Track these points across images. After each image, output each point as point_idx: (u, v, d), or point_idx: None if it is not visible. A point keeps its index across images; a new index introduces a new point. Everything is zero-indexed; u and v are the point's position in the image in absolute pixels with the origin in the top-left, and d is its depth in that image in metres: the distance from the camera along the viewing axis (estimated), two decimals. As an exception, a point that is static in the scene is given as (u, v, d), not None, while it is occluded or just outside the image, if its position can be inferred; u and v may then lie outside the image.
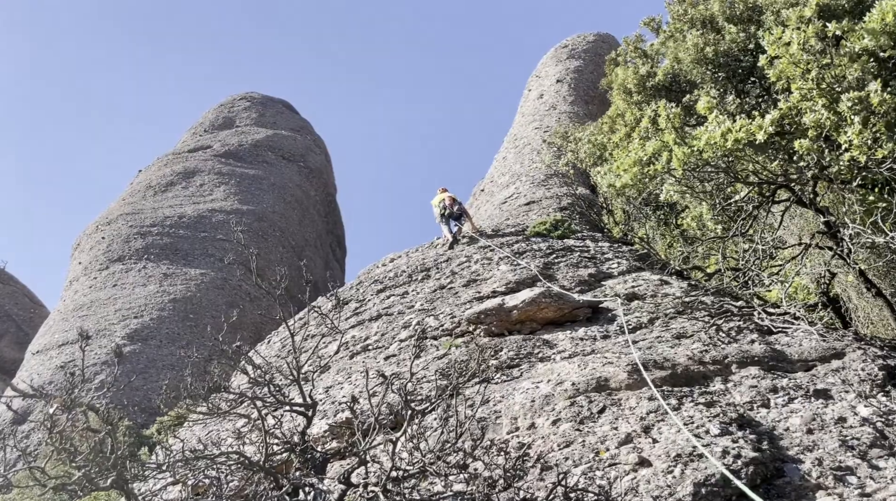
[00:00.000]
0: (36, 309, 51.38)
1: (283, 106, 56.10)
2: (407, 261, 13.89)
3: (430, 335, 8.33)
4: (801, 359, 5.46)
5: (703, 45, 8.28)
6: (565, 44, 37.38)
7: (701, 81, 8.47)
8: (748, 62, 8.12)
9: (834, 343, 5.72)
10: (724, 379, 5.13)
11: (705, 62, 8.22)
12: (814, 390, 4.80)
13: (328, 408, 6.38)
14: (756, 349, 5.67)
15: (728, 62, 8.19)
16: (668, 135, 6.99)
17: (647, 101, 9.31)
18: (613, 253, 12.41)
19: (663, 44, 9.99)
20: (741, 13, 8.45)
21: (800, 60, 5.68)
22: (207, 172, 47.75)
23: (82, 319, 37.25)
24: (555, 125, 31.87)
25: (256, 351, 11.85)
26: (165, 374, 32.63)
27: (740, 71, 8.19)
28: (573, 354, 6.47)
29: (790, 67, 5.80)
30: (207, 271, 39.93)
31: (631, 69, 9.65)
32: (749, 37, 8.09)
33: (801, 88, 5.77)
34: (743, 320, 6.79)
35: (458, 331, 8.13)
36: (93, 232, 44.98)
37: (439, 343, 7.96)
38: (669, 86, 9.13)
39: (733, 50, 8.08)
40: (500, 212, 22.87)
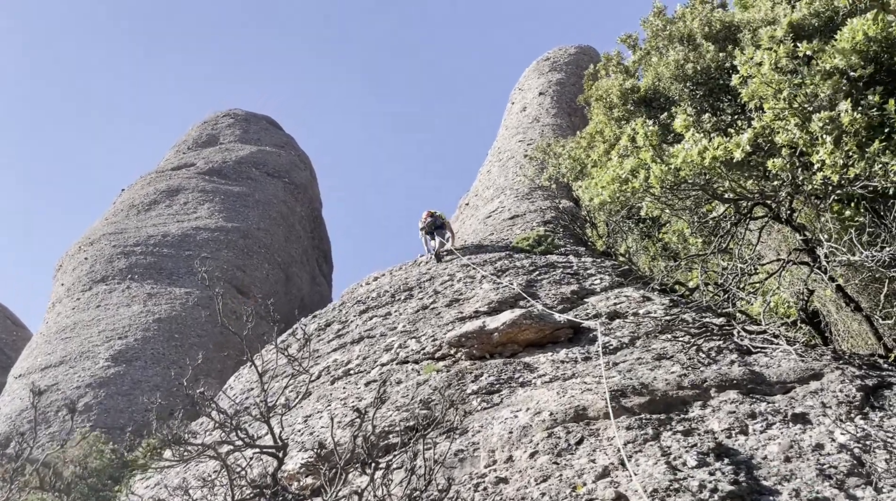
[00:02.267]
0: (18, 332, 50.69)
1: (267, 122, 56.00)
2: (390, 281, 13.81)
3: (412, 359, 8.24)
4: (780, 381, 5.43)
5: (683, 62, 8.32)
6: (547, 56, 37.63)
7: (679, 98, 8.50)
8: (725, 80, 8.15)
9: (812, 363, 5.69)
10: (703, 403, 5.09)
11: (684, 79, 8.24)
12: (792, 414, 4.77)
13: (306, 440, 6.26)
14: (735, 371, 5.63)
15: (706, 79, 8.23)
16: (645, 153, 6.98)
17: (627, 117, 9.33)
18: (596, 269, 12.40)
19: (642, 58, 10.02)
20: (718, 31, 8.49)
21: (772, 80, 5.69)
22: (191, 190, 47.48)
23: (65, 341, 36.77)
24: (538, 138, 31.99)
25: (230, 386, 11.68)
26: (150, 396, 32.25)
27: (717, 88, 8.22)
28: (553, 378, 6.40)
29: (762, 87, 5.81)
30: (192, 290, 39.56)
31: (615, 80, 9.67)
32: (727, 55, 8.13)
33: (773, 108, 5.78)
34: (723, 339, 6.77)
35: (440, 354, 8.05)
36: (75, 252, 44.52)
37: (420, 367, 7.87)
38: (650, 101, 9.15)
39: (711, 68, 8.11)
40: (484, 226, 22.85)
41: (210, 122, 54.63)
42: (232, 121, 54.16)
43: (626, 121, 9.29)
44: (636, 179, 6.95)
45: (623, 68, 9.98)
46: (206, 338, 37.26)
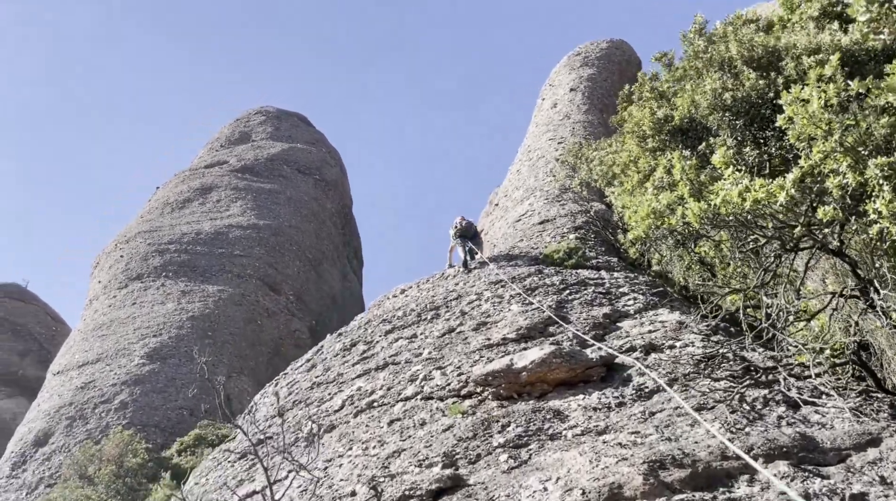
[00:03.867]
0: (58, 327, 51.91)
1: (298, 119, 56.20)
2: (417, 296, 13.55)
3: (437, 395, 7.96)
4: (835, 448, 5.01)
5: (721, 91, 7.83)
6: (578, 51, 36.86)
7: (718, 128, 8.01)
8: (767, 110, 7.64)
9: (869, 424, 5.26)
10: (749, 478, 4.70)
11: (723, 108, 7.75)
12: (850, 496, 4.36)
13: (324, 494, 6.03)
14: (784, 435, 5.22)
15: (747, 109, 7.73)
16: (682, 187, 6.56)
17: (662, 148, 8.86)
18: (629, 287, 11.96)
19: (678, 81, 9.53)
20: (760, 57, 7.96)
21: (821, 119, 5.24)
22: (224, 188, 47.92)
23: (102, 339, 37.49)
24: (569, 136, 31.38)
25: (256, 405, 11.55)
26: (185, 393, 32.70)
27: (758, 118, 7.73)
28: (585, 430, 6.06)
29: (810, 128, 5.36)
30: (225, 287, 39.97)
31: (647, 110, 9.21)
32: (769, 83, 7.61)
33: (822, 151, 5.33)
34: (768, 386, 6.34)
35: (466, 392, 7.76)
36: (112, 250, 45.32)
37: (445, 406, 7.59)
38: (686, 130, 8.67)
39: (752, 97, 7.61)
40: (514, 230, 22.46)
41: (242, 120, 55.04)
42: (264, 119, 54.48)
43: (660, 152, 8.85)
44: (673, 216, 6.55)
45: (657, 93, 9.51)
46: (238, 336, 37.67)
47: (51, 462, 29.80)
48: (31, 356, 49.65)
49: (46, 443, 30.88)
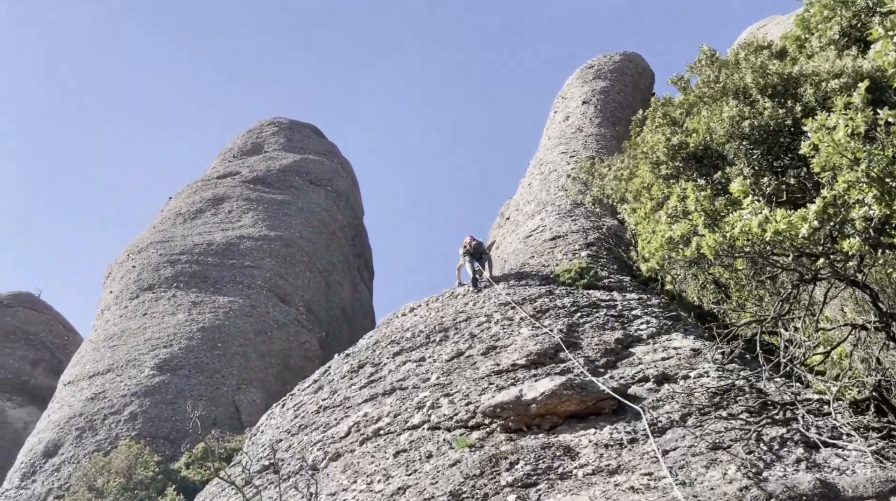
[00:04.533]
0: (69, 337, 52.13)
1: (311, 130, 56.37)
2: (426, 315, 13.38)
3: (444, 425, 7.78)
4: (857, 496, 4.79)
5: (738, 119, 7.64)
6: (591, 64, 36.72)
7: (735, 156, 7.82)
8: (786, 139, 7.44)
9: (892, 470, 5.02)
10: (767, 530, 4.50)
11: (740, 137, 7.56)
12: (874, 553, 4.14)
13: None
14: (804, 481, 5.00)
15: (764, 137, 7.53)
16: (697, 218, 6.38)
17: (675, 175, 8.68)
18: (642, 309, 11.73)
19: (692, 107, 9.35)
20: (775, 85, 7.77)
21: (847, 148, 5.05)
22: (236, 198, 48.06)
23: (112, 349, 37.56)
24: (581, 149, 31.18)
25: (262, 429, 11.41)
26: (194, 404, 32.64)
27: (776, 146, 7.52)
28: (597, 469, 5.87)
29: (835, 156, 5.17)
30: (236, 298, 39.97)
31: (661, 135, 9.03)
32: (787, 112, 7.41)
33: (847, 181, 5.14)
34: (786, 425, 6.11)
35: (474, 423, 7.57)
36: (124, 260, 45.50)
37: (453, 437, 7.41)
38: (701, 157, 8.49)
39: (771, 125, 7.41)
40: (524, 246, 22.26)
41: (255, 131, 55.31)
42: (276, 130, 54.69)
43: (674, 179, 8.66)
44: (688, 247, 6.36)
45: (670, 119, 9.34)
46: (248, 347, 37.61)
47: (60, 473, 29.78)
48: (43, 365, 49.87)
49: (56, 454, 30.89)
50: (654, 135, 9.48)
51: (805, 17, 10.47)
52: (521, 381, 8.74)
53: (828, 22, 10.43)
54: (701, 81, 9.07)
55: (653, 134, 9.68)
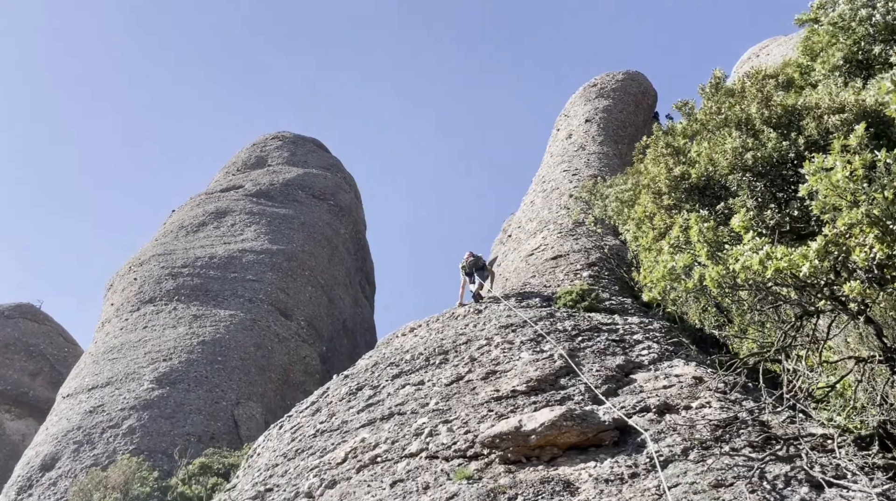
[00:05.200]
0: (70, 348, 52.05)
1: (315, 144, 56.54)
2: (426, 336, 13.31)
3: (442, 455, 7.70)
4: (861, 542, 4.69)
5: (742, 150, 7.61)
6: (594, 82, 36.86)
7: (737, 188, 7.78)
8: (790, 172, 7.40)
9: (898, 514, 4.93)
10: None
11: (743, 169, 7.53)
12: None
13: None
14: (806, 524, 4.91)
15: (767, 170, 7.50)
16: (700, 249, 6.33)
17: (678, 205, 8.64)
18: (643, 333, 11.66)
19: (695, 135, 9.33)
20: (780, 116, 7.75)
21: (845, 190, 5.01)
22: (239, 212, 48.13)
23: (112, 362, 37.43)
24: (583, 167, 31.22)
25: (258, 452, 11.32)
26: (193, 419, 32.47)
27: (779, 179, 7.48)
28: (595, 506, 5.77)
29: (835, 198, 5.13)
30: (237, 312, 39.89)
31: (663, 166, 9.01)
32: (791, 144, 7.38)
33: (847, 222, 5.09)
34: (790, 463, 6.02)
35: (472, 453, 7.49)
36: (126, 272, 45.49)
37: (451, 467, 7.32)
38: (704, 188, 8.45)
39: (774, 158, 7.38)
40: (526, 265, 22.22)
41: (259, 144, 55.48)
42: (280, 144, 54.86)
43: (676, 210, 8.63)
44: (690, 279, 6.31)
45: (672, 149, 9.34)
46: (248, 362, 37.45)
47: (57, 487, 29.57)
48: (42, 377, 49.72)
49: (53, 468, 30.67)
50: (657, 165, 9.47)
51: (808, 45, 10.48)
52: (521, 408, 8.65)
53: (830, 48, 10.43)
54: (705, 110, 9.06)
55: (655, 164, 9.66)
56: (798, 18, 12.54)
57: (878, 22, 10.29)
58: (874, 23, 10.31)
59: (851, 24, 10.46)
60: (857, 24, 10.36)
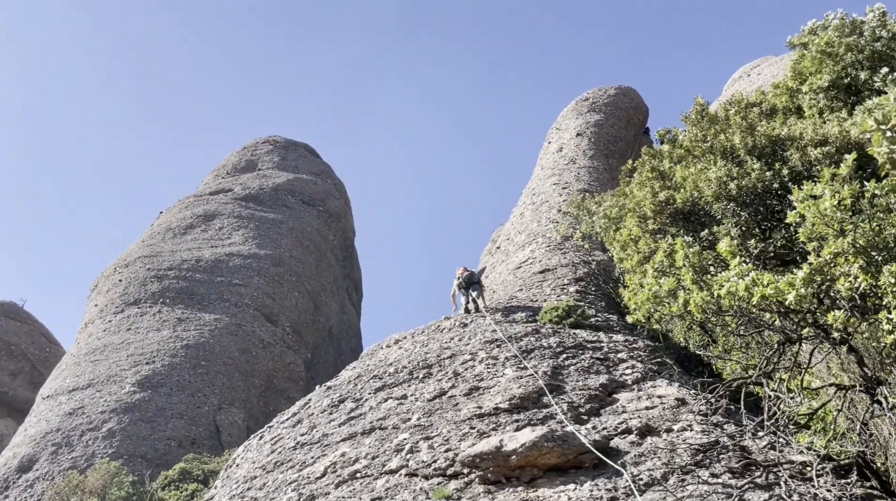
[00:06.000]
0: (51, 348, 51.46)
1: (306, 150, 56.42)
2: (410, 349, 13.26)
3: (422, 472, 7.64)
4: (837, 575, 4.68)
5: (727, 180, 7.64)
6: (586, 96, 37.06)
7: (722, 216, 7.82)
8: (772, 201, 7.45)
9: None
10: None
11: (727, 198, 7.57)
12: None
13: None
14: (783, 555, 4.90)
15: (751, 199, 7.54)
16: (685, 274, 6.34)
17: (663, 230, 8.67)
18: (628, 352, 11.66)
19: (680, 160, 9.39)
20: (763, 146, 7.81)
21: (832, 219, 5.03)
22: (227, 215, 47.85)
23: (94, 364, 37.01)
24: (573, 181, 31.34)
25: (237, 462, 11.20)
26: (174, 423, 32.13)
27: (763, 208, 7.52)
28: (573, 531, 5.73)
29: (821, 226, 5.15)
30: (222, 316, 39.60)
31: (649, 190, 9.05)
32: (774, 175, 7.44)
33: (833, 251, 5.11)
34: (769, 491, 6.01)
35: (452, 472, 7.43)
36: (111, 274, 45.05)
37: (430, 486, 7.26)
38: (688, 214, 8.49)
39: (758, 188, 7.43)
40: (514, 278, 22.22)
41: (249, 148, 55.29)
42: (271, 148, 54.71)
43: (661, 234, 8.64)
44: (674, 303, 6.31)
45: (658, 174, 9.40)
46: (232, 367, 37.13)
47: (33, 489, 29.11)
48: (23, 376, 49.07)
49: (31, 469, 30.20)
50: (642, 189, 9.50)
51: (797, 69, 10.60)
52: (503, 426, 8.61)
53: (818, 73, 10.54)
54: (690, 137, 9.13)
55: (640, 187, 9.70)
56: (790, 41, 12.68)
57: (865, 48, 10.42)
58: (861, 49, 10.43)
59: (839, 50, 10.58)
60: (844, 50, 10.48)
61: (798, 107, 9.97)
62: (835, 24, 10.76)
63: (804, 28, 11.81)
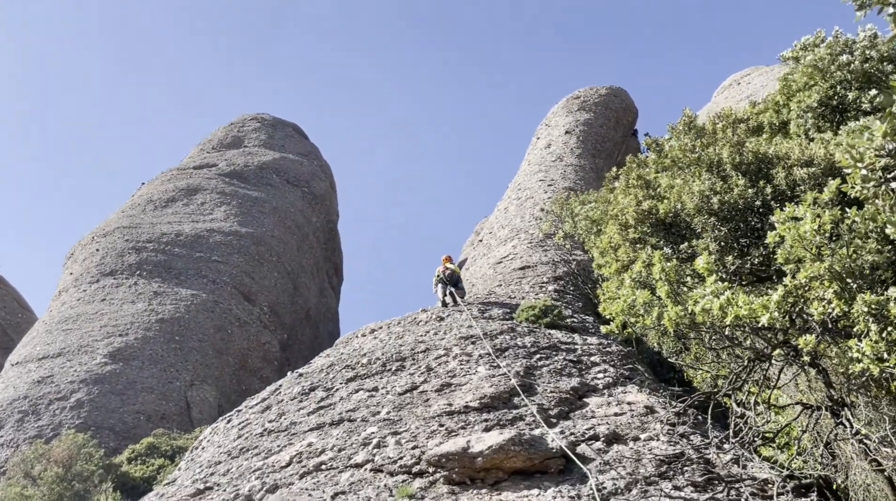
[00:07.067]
0: (24, 314, 50.73)
1: (293, 129, 55.83)
2: (385, 340, 13.20)
3: (387, 469, 7.61)
4: None
5: (710, 194, 7.64)
6: (577, 95, 37.03)
7: (702, 230, 7.83)
8: (754, 220, 7.46)
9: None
10: None
11: (709, 212, 7.58)
12: None
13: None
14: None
15: (732, 215, 7.55)
16: (661, 288, 6.33)
17: (643, 239, 8.67)
18: (601, 356, 11.70)
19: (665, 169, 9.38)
20: (749, 163, 7.81)
21: (811, 243, 5.04)
22: (210, 191, 47.27)
23: (66, 333, 36.53)
24: (559, 179, 31.36)
25: (203, 445, 11.11)
26: (144, 397, 31.85)
27: (743, 225, 7.53)
28: (534, 538, 5.74)
29: (800, 249, 5.15)
30: (199, 292, 39.24)
31: (632, 197, 9.03)
32: (757, 192, 7.44)
33: (809, 275, 5.13)
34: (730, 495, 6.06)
35: (417, 470, 7.41)
36: (88, 242, 44.40)
37: (395, 483, 7.23)
38: (670, 225, 8.49)
39: (740, 204, 7.44)
40: (493, 273, 22.21)
41: (237, 124, 54.58)
42: (258, 126, 54.06)
43: (641, 244, 8.65)
44: (649, 315, 6.31)
45: (643, 182, 9.39)
46: (206, 343, 36.84)
47: (-3, 456, 28.73)
48: (-8, 341, 48.28)
49: (-7, 438, 29.80)
50: (626, 196, 9.50)
51: (787, 84, 10.62)
52: (472, 425, 8.60)
53: (807, 90, 10.57)
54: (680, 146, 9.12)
55: (624, 194, 9.69)
56: (782, 56, 12.70)
57: (855, 68, 10.45)
58: (851, 69, 10.47)
59: (830, 67, 10.62)
60: (834, 68, 10.51)
61: (784, 122, 10.01)
62: (828, 41, 10.79)
63: (796, 43, 11.84)
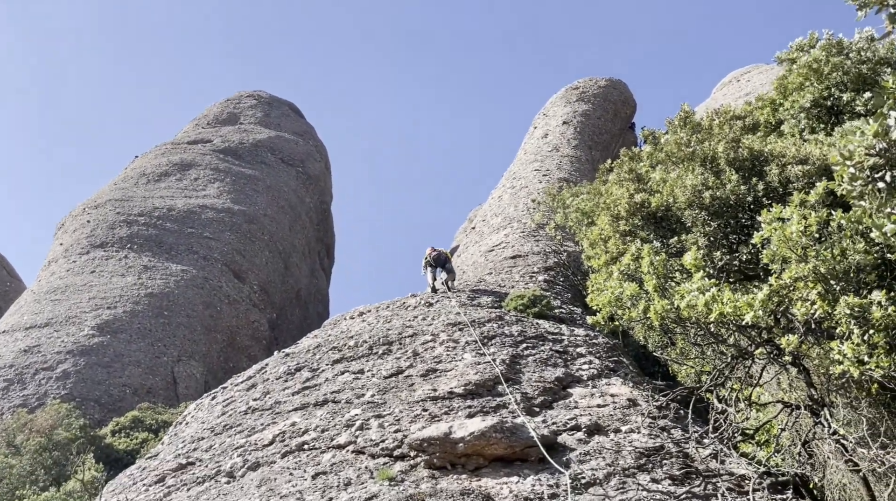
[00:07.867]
0: (12, 283, 50.49)
1: (290, 108, 55.45)
2: (373, 323, 13.22)
3: (369, 451, 7.65)
4: None
5: (702, 188, 7.65)
6: (576, 85, 36.90)
7: (692, 225, 7.84)
8: (744, 217, 7.48)
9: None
10: None
11: (700, 206, 7.59)
12: None
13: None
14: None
15: (723, 211, 7.56)
16: (648, 281, 6.36)
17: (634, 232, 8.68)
18: (587, 347, 11.75)
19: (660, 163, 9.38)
20: (744, 159, 7.81)
21: (797, 244, 5.07)
22: (204, 167, 46.98)
23: (54, 303, 36.40)
24: (555, 169, 31.33)
25: (187, 420, 11.12)
26: (130, 370, 31.83)
27: (733, 222, 7.55)
28: (511, 524, 5.79)
29: (785, 249, 5.18)
30: (189, 268, 39.14)
31: (625, 190, 9.04)
32: (749, 189, 7.46)
33: (793, 276, 5.16)
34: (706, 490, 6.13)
35: (399, 453, 7.45)
36: (79, 213, 44.12)
37: (376, 465, 7.27)
38: (661, 219, 8.51)
39: (731, 200, 7.45)
40: (485, 260, 22.23)
41: (233, 101, 54.17)
42: (255, 103, 53.68)
43: (631, 236, 8.66)
44: (635, 308, 6.34)
45: (636, 175, 9.39)
46: (195, 319, 36.80)
47: (-22, 424, 28.68)
48: (-21, 309, 48.05)
49: (-20, 407, 29.74)
50: (619, 188, 9.50)
51: (783, 84, 10.63)
52: (455, 411, 8.65)
53: (801, 91, 10.58)
54: (675, 139, 9.13)
55: (617, 186, 9.70)
56: (778, 56, 12.71)
57: (849, 70, 10.46)
58: (846, 70, 10.48)
59: (824, 68, 10.62)
60: (828, 69, 10.52)
61: (779, 121, 10.02)
62: (822, 43, 10.79)
63: (792, 44, 11.83)
